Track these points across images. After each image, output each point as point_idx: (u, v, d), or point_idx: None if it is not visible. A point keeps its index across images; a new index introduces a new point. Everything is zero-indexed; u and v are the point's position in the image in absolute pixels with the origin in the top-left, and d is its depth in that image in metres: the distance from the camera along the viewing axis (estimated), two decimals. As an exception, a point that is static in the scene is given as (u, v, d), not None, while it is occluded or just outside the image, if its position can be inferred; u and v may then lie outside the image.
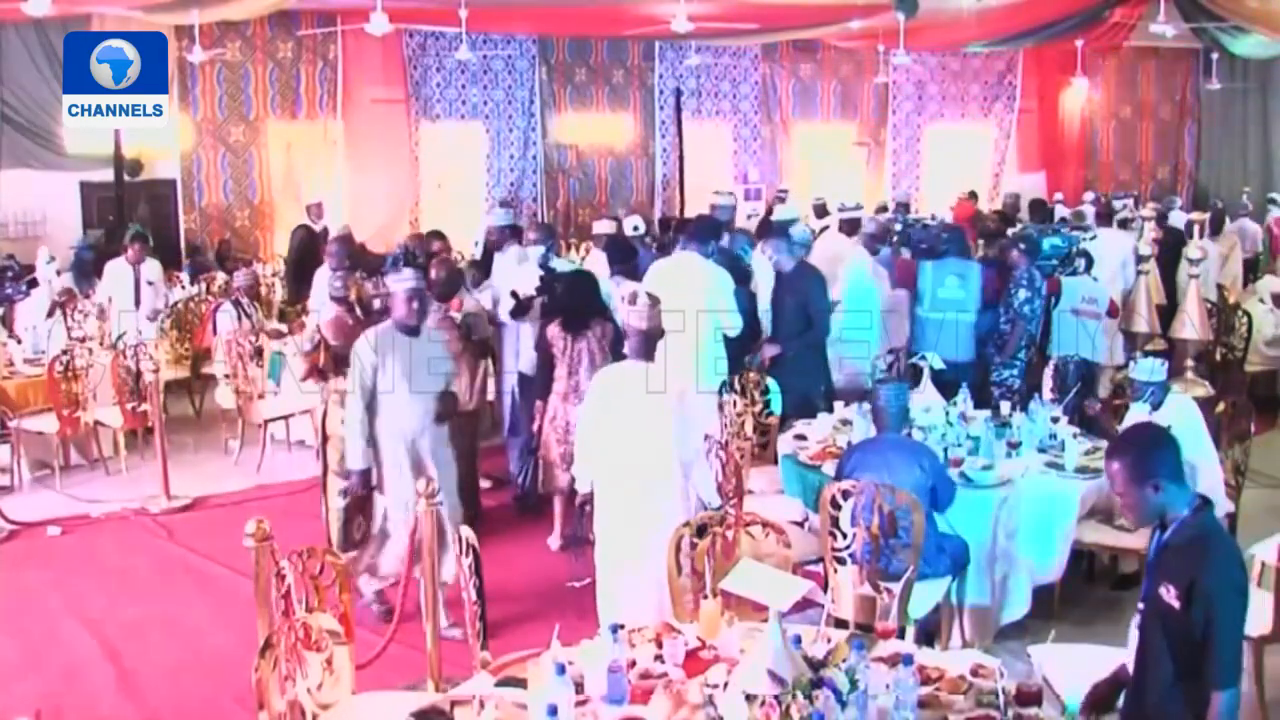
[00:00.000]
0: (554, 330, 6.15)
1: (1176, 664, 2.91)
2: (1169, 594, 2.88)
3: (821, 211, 12.94)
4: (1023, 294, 7.26)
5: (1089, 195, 14.95)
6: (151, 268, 9.10)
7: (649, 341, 4.68)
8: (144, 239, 9.16)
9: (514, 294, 6.71)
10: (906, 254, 8.81)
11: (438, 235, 8.38)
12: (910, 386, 6.39)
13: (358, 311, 6.28)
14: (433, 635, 4.29)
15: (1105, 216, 10.44)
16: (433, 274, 6.45)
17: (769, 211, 11.62)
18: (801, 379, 6.65)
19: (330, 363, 5.90)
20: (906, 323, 7.84)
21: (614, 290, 6.49)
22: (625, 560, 4.60)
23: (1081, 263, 7.88)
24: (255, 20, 12.81)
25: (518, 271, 7.05)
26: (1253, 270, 11.90)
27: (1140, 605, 3.08)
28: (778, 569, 3.88)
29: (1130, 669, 3.11)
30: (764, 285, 7.32)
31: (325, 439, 5.89)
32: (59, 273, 9.50)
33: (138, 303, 8.81)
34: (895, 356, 7.13)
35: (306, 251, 8.47)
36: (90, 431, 7.93)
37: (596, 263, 7.55)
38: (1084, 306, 7.57)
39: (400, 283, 5.22)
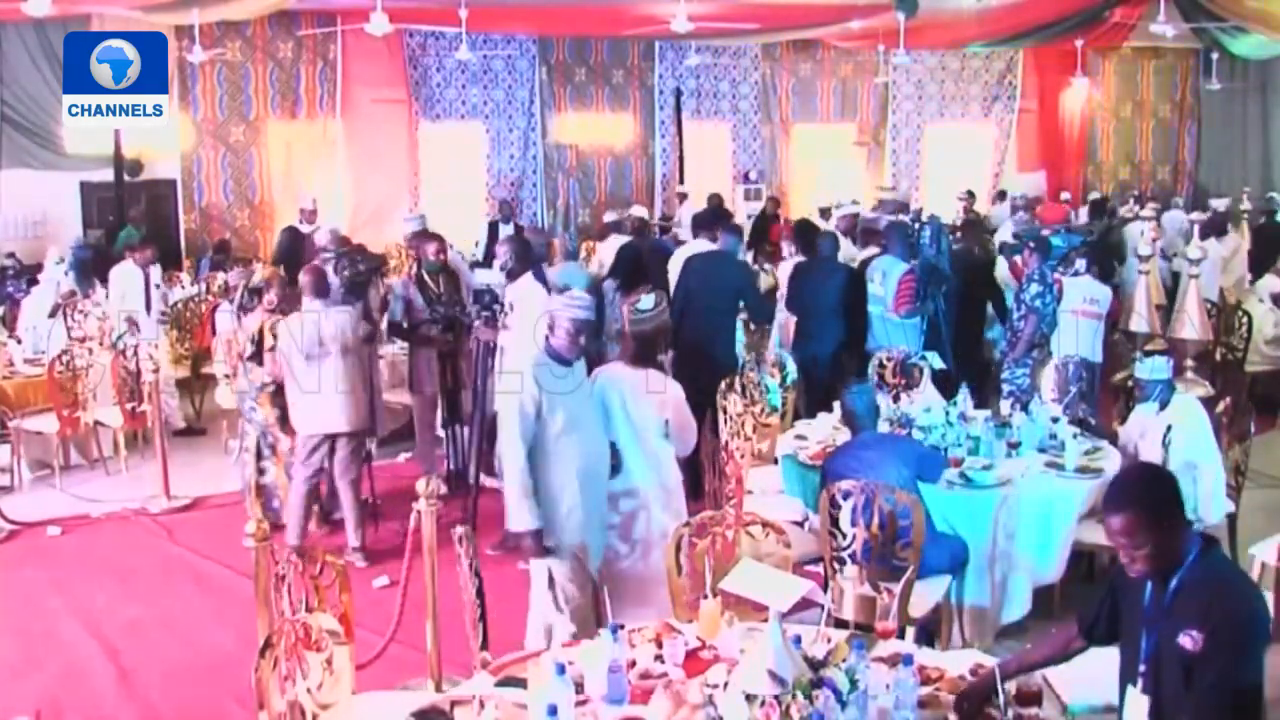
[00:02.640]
0: (609, 285, 7.27)
1: (1197, 714, 2.69)
2: (1191, 641, 2.67)
3: (826, 213, 12.95)
4: (1035, 288, 7.23)
5: (1094, 195, 15.04)
6: (156, 269, 9.15)
7: (649, 348, 4.66)
8: (149, 243, 9.26)
9: (485, 293, 6.64)
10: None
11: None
12: (909, 387, 6.42)
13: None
14: (433, 635, 4.29)
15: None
16: (302, 278, 6.27)
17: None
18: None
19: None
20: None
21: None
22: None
23: (1082, 263, 7.83)
24: (255, 20, 12.82)
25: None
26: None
27: (1142, 665, 2.82)
28: (778, 569, 3.88)
29: (998, 675, 2.99)
30: None
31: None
32: (66, 274, 9.49)
33: (148, 305, 8.82)
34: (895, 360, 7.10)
35: (290, 254, 8.43)
36: (90, 431, 7.92)
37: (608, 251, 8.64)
38: (1085, 307, 7.53)
39: (568, 308, 4.35)
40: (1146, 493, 2.76)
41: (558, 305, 4.39)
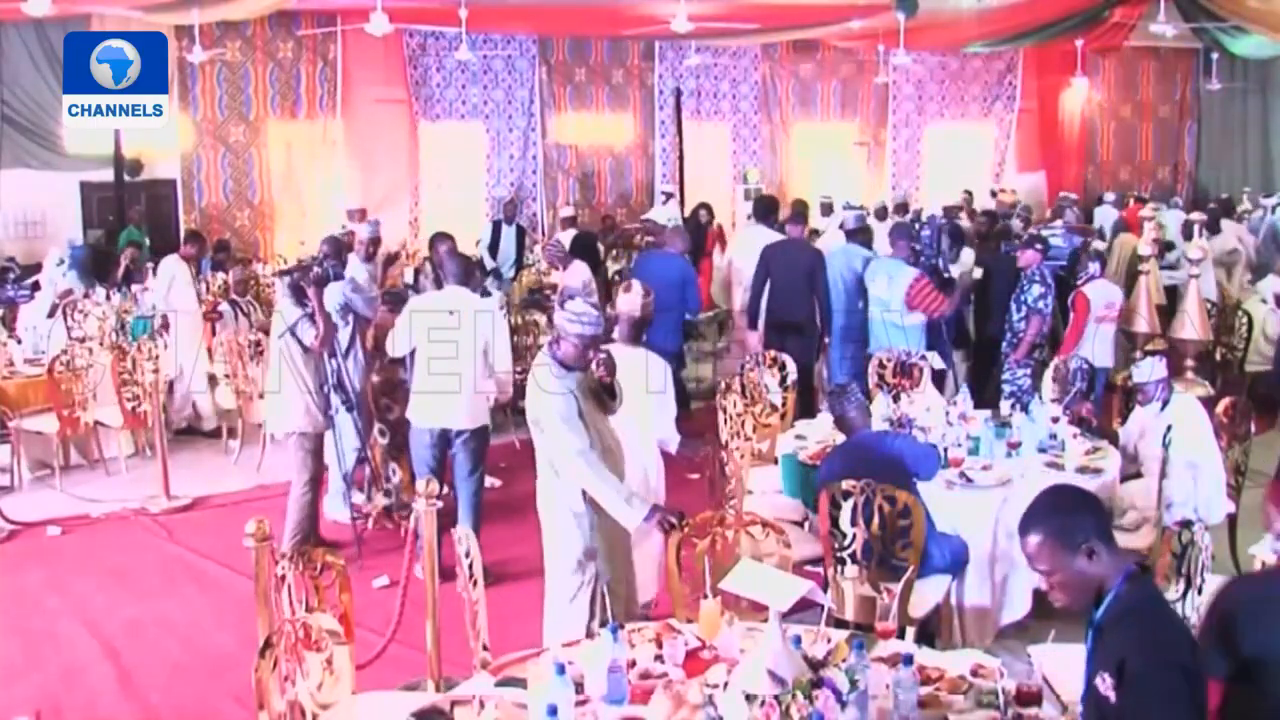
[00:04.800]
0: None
1: None
2: (1104, 684, 2.45)
3: (827, 210, 13.00)
4: (1037, 289, 7.21)
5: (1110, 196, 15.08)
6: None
7: (638, 328, 4.91)
8: (200, 238, 9.63)
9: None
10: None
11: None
12: (910, 388, 6.44)
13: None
14: (433, 635, 4.29)
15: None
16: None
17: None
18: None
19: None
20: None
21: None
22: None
23: (1095, 266, 7.70)
24: (255, 20, 12.81)
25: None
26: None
27: (1081, 703, 2.65)
28: (778, 569, 3.88)
29: None
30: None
31: None
32: (66, 274, 9.50)
33: (199, 298, 8.90)
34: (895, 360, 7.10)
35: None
36: (90, 431, 7.93)
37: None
38: (1104, 312, 7.41)
39: (574, 324, 4.12)
40: (1053, 515, 2.57)
41: (563, 320, 4.20)
